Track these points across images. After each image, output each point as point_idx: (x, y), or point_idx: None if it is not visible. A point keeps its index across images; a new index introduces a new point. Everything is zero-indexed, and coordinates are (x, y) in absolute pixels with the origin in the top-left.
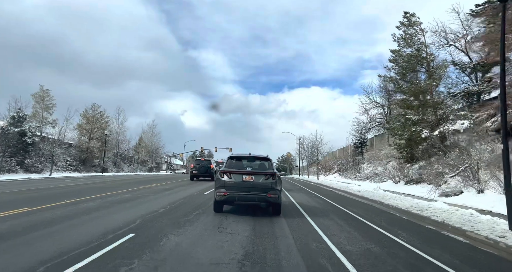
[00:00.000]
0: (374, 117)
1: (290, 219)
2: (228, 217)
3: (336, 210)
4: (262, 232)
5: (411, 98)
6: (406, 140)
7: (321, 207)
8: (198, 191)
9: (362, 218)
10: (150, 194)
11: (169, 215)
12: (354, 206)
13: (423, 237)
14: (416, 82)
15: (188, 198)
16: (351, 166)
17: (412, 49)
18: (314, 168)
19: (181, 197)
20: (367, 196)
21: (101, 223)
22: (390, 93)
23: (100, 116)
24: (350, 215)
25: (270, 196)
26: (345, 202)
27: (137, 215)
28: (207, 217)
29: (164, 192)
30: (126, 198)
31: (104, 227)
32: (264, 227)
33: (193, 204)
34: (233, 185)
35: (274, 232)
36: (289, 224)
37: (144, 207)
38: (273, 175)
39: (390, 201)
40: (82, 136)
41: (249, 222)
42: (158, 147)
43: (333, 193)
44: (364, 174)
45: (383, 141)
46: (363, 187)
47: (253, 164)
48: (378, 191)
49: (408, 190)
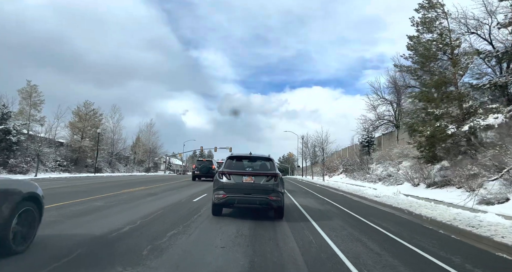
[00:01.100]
0: (382, 114)
1: (300, 238)
2: (222, 236)
3: (359, 224)
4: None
5: (432, 90)
6: (427, 137)
7: (336, 217)
8: (188, 196)
9: (399, 238)
10: (128, 201)
11: (129, 239)
12: (378, 216)
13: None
14: (439, 71)
15: (170, 207)
16: (358, 166)
17: (433, 35)
18: (318, 168)
19: (163, 205)
20: (388, 203)
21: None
22: (399, 89)
23: (93, 114)
24: (382, 233)
25: (272, 199)
26: (364, 211)
27: (84, 239)
28: (187, 239)
29: (146, 198)
30: (91, 208)
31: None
32: (270, 257)
33: (173, 217)
34: (233, 187)
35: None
36: (302, 249)
37: (101, 224)
38: (275, 176)
39: (421, 210)
40: (74, 135)
41: (247, 251)
42: (156, 146)
43: (346, 198)
44: (375, 175)
45: (392, 139)
46: (380, 191)
47: (254, 164)
48: (398, 196)
49: (433, 195)
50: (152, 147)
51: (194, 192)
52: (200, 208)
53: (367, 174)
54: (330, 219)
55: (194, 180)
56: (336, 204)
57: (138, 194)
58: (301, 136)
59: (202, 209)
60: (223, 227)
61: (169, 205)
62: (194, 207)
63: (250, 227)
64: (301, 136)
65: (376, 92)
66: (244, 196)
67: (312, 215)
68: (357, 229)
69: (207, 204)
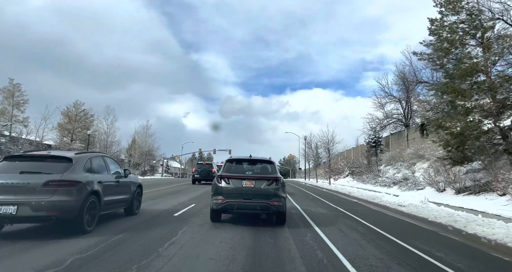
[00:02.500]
0: (390, 113)
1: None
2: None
3: (403, 254)
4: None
5: (459, 80)
6: (456, 134)
7: (364, 240)
8: (171, 207)
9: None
10: None
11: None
12: (419, 238)
13: None
14: (470, 56)
15: (136, 228)
16: (366, 168)
17: (459, 16)
18: (321, 170)
19: (130, 224)
20: (420, 215)
21: None
22: (409, 86)
23: (84, 115)
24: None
25: (273, 204)
26: (395, 228)
27: None
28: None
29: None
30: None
31: None
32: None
33: (129, 252)
34: (232, 192)
35: None
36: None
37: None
38: (277, 180)
39: (473, 227)
40: (63, 137)
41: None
42: (153, 148)
43: (363, 207)
44: (389, 179)
45: (401, 139)
46: (403, 199)
47: (254, 168)
48: (427, 204)
49: (470, 203)
50: (148, 150)
51: (182, 201)
52: (176, 230)
53: (378, 177)
54: (357, 244)
55: (194, 183)
56: (355, 217)
57: None
58: (304, 136)
59: (178, 232)
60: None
61: (140, 222)
62: (171, 226)
63: (248, 255)
64: (304, 136)
65: (383, 89)
66: (244, 201)
67: (330, 236)
68: (406, 264)
69: (190, 220)
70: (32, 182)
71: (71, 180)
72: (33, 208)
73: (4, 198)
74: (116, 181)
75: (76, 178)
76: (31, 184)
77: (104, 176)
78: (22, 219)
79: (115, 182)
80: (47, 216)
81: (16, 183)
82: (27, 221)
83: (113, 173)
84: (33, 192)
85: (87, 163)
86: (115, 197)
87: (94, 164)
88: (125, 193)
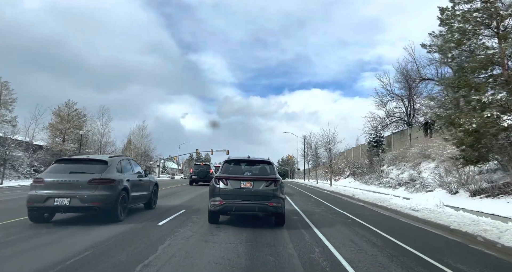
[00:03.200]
0: (392, 111)
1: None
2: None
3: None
4: None
5: (471, 74)
6: (471, 131)
7: (385, 257)
8: (158, 214)
9: None
10: (27, 237)
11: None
12: (452, 255)
13: None
14: (486, 46)
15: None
16: (368, 169)
17: (472, 5)
18: (320, 171)
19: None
20: (440, 222)
21: None
22: (411, 83)
23: (76, 114)
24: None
25: (272, 205)
26: (417, 240)
27: None
28: None
29: (86, 220)
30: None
31: None
32: None
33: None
34: (230, 193)
35: None
36: None
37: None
38: (275, 181)
39: (509, 239)
40: (55, 137)
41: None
42: (149, 149)
43: (372, 212)
44: (393, 180)
45: (403, 139)
46: (414, 202)
47: (252, 169)
48: (443, 209)
49: (490, 208)
50: (145, 150)
51: (171, 205)
52: (155, 245)
53: (382, 178)
54: (378, 263)
55: (192, 185)
56: (365, 224)
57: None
58: (303, 135)
59: (158, 248)
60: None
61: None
62: (142, 246)
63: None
64: (303, 135)
65: (385, 87)
66: (242, 203)
67: (342, 250)
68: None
69: (174, 234)
70: (80, 179)
71: (109, 178)
72: (81, 200)
73: (59, 192)
74: (139, 180)
75: (112, 177)
76: (79, 181)
77: (130, 175)
78: (73, 209)
79: (138, 181)
80: (92, 206)
81: (68, 180)
82: (77, 210)
83: (135, 173)
84: (80, 188)
85: (118, 165)
86: (138, 193)
87: (122, 165)
88: (146, 190)
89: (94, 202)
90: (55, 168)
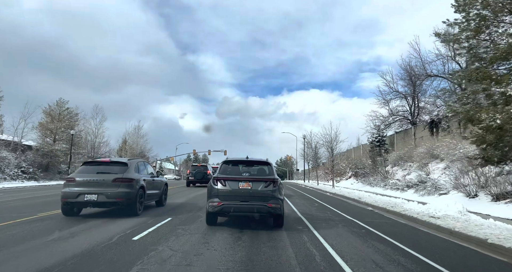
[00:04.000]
0: (395, 110)
1: None
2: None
3: None
4: None
5: (491, 65)
6: (494, 128)
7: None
8: (132, 226)
9: None
10: (12, 242)
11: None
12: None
13: None
14: (509, 33)
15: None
16: (371, 169)
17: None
18: (320, 172)
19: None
20: (471, 234)
21: None
22: (416, 80)
23: (68, 113)
24: None
25: (271, 206)
26: (461, 266)
27: None
28: None
29: (62, 231)
30: None
31: None
32: None
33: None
34: (228, 194)
35: None
36: None
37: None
38: (274, 182)
39: None
40: (45, 137)
41: None
42: (145, 150)
43: (384, 218)
44: (402, 181)
45: (407, 138)
46: (433, 207)
47: (251, 169)
48: (468, 216)
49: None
50: (140, 151)
51: (153, 215)
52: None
53: (387, 179)
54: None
55: (189, 186)
56: (384, 236)
57: (56, 222)
58: (303, 135)
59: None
60: None
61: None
62: (125, 259)
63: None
64: (303, 135)
65: (388, 85)
66: (240, 204)
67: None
68: None
69: (151, 252)
70: (105, 179)
71: (129, 178)
72: (107, 196)
73: (89, 189)
74: (152, 180)
75: (132, 176)
76: (105, 180)
77: (145, 175)
78: (100, 204)
79: (152, 180)
80: (116, 202)
81: (96, 179)
82: (103, 205)
83: (149, 173)
84: (106, 186)
85: (135, 166)
86: (152, 191)
87: (139, 167)
88: (158, 188)
89: (117, 198)
90: (83, 169)
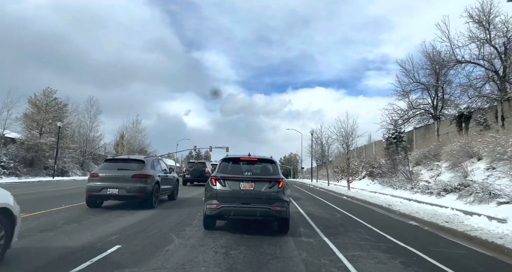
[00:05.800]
0: (415, 103)
1: None
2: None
3: None
4: None
5: None
6: None
7: None
8: (95, 239)
9: None
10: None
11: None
12: None
13: None
14: None
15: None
16: (390, 169)
17: None
18: (325, 170)
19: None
20: None
21: None
22: (440, 69)
23: (56, 104)
24: None
25: (275, 209)
26: None
27: None
28: None
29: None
30: None
31: None
32: None
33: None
34: (228, 195)
35: None
36: None
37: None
38: (279, 182)
39: None
40: (31, 129)
41: None
42: (144, 145)
43: (441, 240)
44: (437, 185)
45: (429, 134)
46: (505, 228)
47: (253, 168)
48: None
49: None
50: (139, 146)
51: (126, 222)
52: None
53: (412, 181)
54: None
55: (185, 185)
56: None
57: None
58: (311, 130)
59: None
60: None
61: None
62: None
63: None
64: (311, 130)
65: (408, 75)
66: (241, 206)
67: None
68: None
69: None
70: (125, 174)
71: (146, 174)
72: (127, 190)
73: (111, 184)
74: (165, 176)
75: (149, 173)
76: (125, 176)
77: (159, 171)
78: (120, 197)
79: (165, 176)
80: (135, 195)
81: (117, 175)
82: (123, 198)
83: (162, 169)
84: (126, 181)
85: (151, 163)
86: (166, 186)
87: (154, 164)
88: (170, 184)
89: (136, 192)
90: (105, 165)
